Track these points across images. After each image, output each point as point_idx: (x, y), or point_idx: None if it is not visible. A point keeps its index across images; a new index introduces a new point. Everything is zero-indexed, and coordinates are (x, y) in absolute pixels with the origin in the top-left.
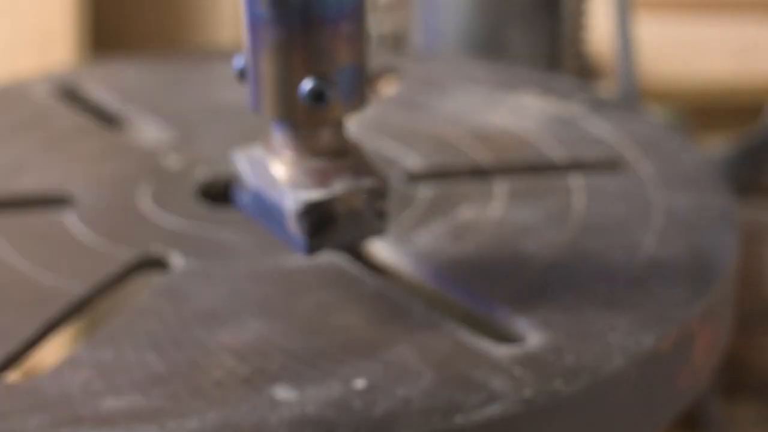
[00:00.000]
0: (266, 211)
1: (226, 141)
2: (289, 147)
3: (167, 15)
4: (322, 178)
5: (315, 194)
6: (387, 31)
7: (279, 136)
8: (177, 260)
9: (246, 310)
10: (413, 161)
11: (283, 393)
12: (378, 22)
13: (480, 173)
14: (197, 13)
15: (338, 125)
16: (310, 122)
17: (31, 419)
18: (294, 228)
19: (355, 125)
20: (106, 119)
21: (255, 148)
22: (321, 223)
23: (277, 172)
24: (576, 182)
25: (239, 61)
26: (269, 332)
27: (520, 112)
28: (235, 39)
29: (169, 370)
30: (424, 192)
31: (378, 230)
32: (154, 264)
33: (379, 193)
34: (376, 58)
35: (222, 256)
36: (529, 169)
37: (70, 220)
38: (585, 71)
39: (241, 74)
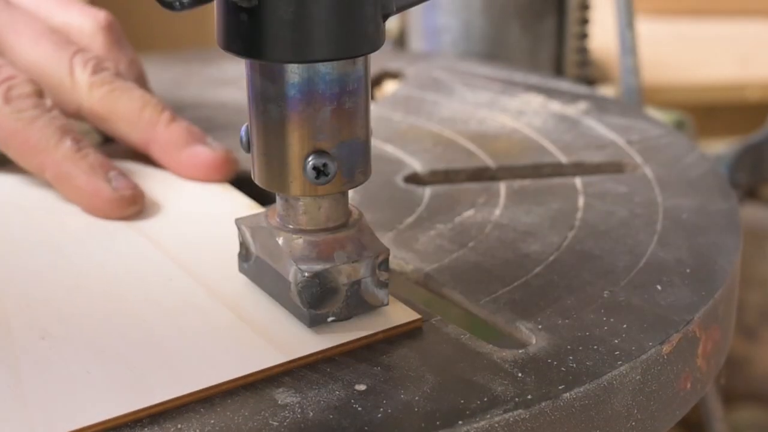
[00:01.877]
0: (268, 279)
1: (227, 141)
2: (291, 218)
3: (170, 18)
4: (324, 250)
5: (316, 266)
6: (388, 32)
7: (281, 208)
8: None
9: None
10: (414, 162)
11: (285, 396)
12: None
13: (482, 174)
14: (201, 17)
15: (341, 197)
16: (312, 196)
17: None
18: (296, 299)
19: None
20: None
21: (258, 216)
22: (323, 294)
23: (279, 243)
24: (579, 184)
25: (244, 133)
26: None
27: (523, 113)
28: None
29: None
30: (426, 193)
31: (380, 300)
32: None
33: (381, 264)
34: (377, 59)
35: None
36: (532, 170)
37: None
38: (588, 72)
39: (247, 145)
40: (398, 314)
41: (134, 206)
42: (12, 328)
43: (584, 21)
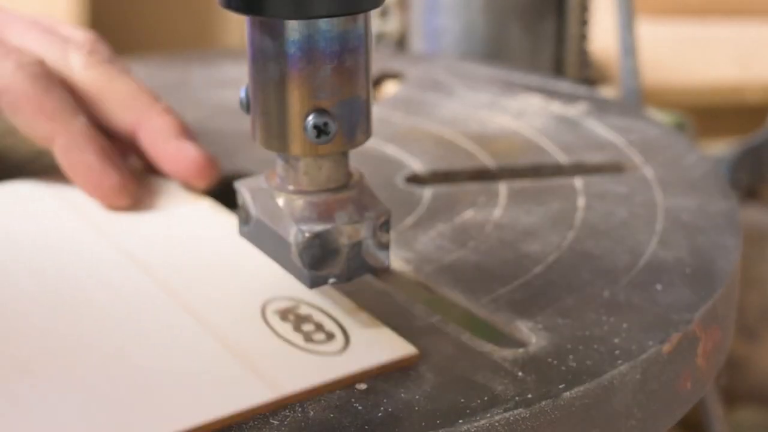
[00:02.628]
0: (269, 242)
1: (229, 141)
2: (291, 179)
3: (170, 18)
4: (324, 211)
5: (317, 227)
6: (389, 32)
7: (281, 169)
8: None
9: None
10: (415, 163)
11: None
12: (380, 23)
13: (482, 175)
14: (205, 19)
15: (341, 157)
16: (312, 156)
17: None
18: (297, 260)
19: None
20: None
21: (258, 178)
22: (324, 255)
23: (280, 204)
24: (579, 184)
25: (244, 93)
26: None
27: (523, 113)
28: (241, 45)
29: None
30: (426, 194)
31: (381, 262)
32: None
33: (382, 225)
34: (378, 60)
35: None
36: (532, 171)
37: None
38: (588, 74)
39: (247, 105)
40: (394, 348)
41: (131, 199)
42: None
43: (584, 22)
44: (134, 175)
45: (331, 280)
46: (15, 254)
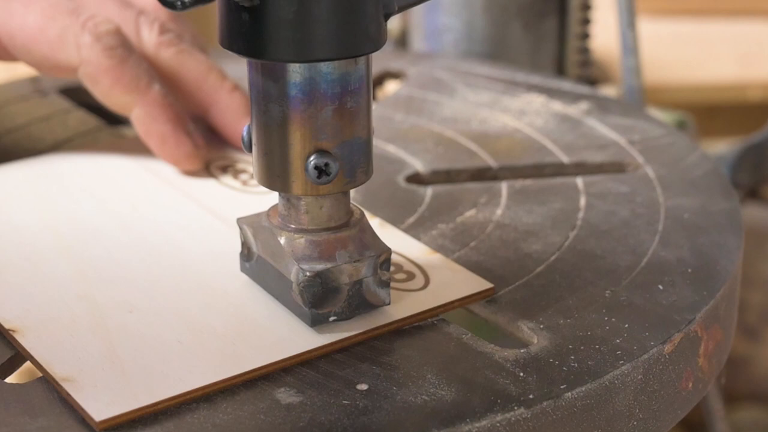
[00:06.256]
0: (270, 279)
1: None
2: (292, 218)
3: None
4: (325, 250)
5: (318, 266)
6: (390, 31)
7: (283, 207)
8: None
9: None
10: (416, 162)
11: (286, 396)
12: None
13: (483, 174)
14: (202, 17)
15: (342, 196)
16: (314, 195)
17: (31, 422)
18: (298, 299)
19: None
20: (112, 120)
21: (259, 215)
22: (325, 294)
23: (281, 243)
24: (580, 184)
25: (246, 132)
26: None
27: (524, 113)
28: None
29: None
30: (427, 193)
31: (382, 300)
32: None
33: (383, 264)
34: (379, 59)
35: None
36: (533, 170)
37: None
38: (589, 72)
39: (249, 144)
40: (470, 283)
41: (203, 163)
42: (99, 304)
43: (586, 21)
44: (206, 140)
45: (332, 318)
46: (104, 211)
